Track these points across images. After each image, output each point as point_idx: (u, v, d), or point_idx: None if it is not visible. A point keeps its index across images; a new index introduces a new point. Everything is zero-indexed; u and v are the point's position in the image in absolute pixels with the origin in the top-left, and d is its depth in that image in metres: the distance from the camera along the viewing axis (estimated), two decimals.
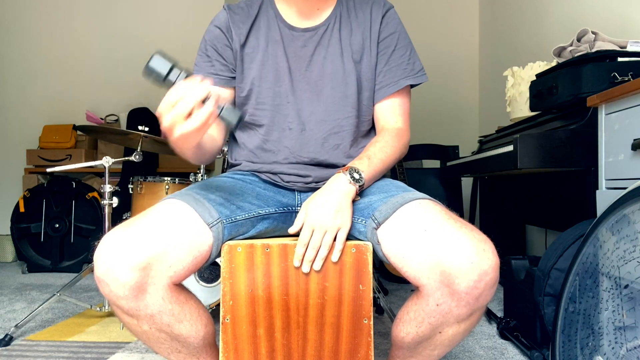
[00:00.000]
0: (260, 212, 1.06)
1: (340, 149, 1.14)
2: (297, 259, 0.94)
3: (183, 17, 4.04)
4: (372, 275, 0.97)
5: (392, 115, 1.17)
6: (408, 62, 1.17)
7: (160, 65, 0.81)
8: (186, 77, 0.82)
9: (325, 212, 0.94)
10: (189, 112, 0.79)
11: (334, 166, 1.14)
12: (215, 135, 1.14)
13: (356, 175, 0.99)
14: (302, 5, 1.15)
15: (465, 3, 4.18)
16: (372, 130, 1.22)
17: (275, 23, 1.16)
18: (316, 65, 1.14)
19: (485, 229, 2.15)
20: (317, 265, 0.93)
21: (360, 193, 1.02)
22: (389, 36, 1.17)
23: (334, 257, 0.93)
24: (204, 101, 0.79)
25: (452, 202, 3.25)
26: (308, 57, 1.14)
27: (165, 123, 0.80)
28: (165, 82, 0.81)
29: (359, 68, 1.15)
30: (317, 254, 0.93)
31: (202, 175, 2.27)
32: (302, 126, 1.13)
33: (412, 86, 1.20)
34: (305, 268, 0.94)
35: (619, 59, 1.62)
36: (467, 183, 3.39)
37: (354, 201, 0.99)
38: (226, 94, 1.17)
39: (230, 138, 1.26)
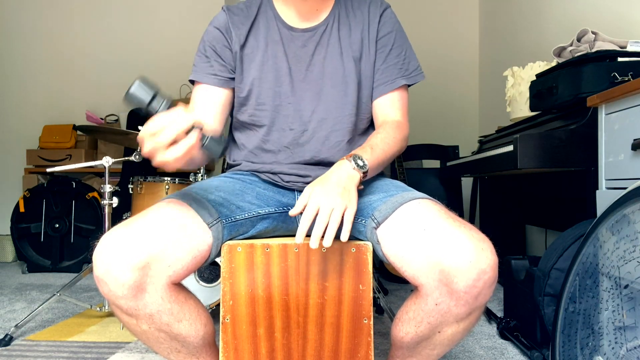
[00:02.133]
0: (260, 212, 1.06)
1: (339, 147, 1.15)
2: (300, 235, 0.86)
3: (183, 18, 4.05)
4: (372, 275, 0.97)
5: (391, 110, 1.17)
6: (404, 62, 1.18)
7: (142, 93, 0.78)
8: (169, 105, 0.80)
9: (331, 191, 0.90)
10: (171, 142, 0.77)
11: (333, 165, 1.14)
12: (218, 127, 1.15)
13: (360, 162, 0.97)
14: (301, 6, 1.15)
15: (465, 3, 4.18)
16: (369, 128, 1.22)
17: (275, 24, 1.16)
18: (317, 65, 1.14)
19: (485, 229, 2.15)
20: (327, 241, 0.85)
21: (360, 192, 1.02)
22: (387, 35, 1.17)
23: (344, 236, 0.88)
24: (187, 132, 0.78)
25: (452, 202, 3.25)
26: (308, 57, 1.14)
27: (145, 150, 0.79)
28: (148, 108, 0.79)
29: (358, 66, 1.15)
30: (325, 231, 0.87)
31: (202, 175, 2.27)
32: (303, 126, 1.13)
33: (408, 85, 1.20)
34: (314, 244, 0.85)
35: (619, 59, 1.62)
36: (467, 183, 3.39)
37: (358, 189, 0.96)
38: (214, 118, 1.15)
39: (230, 139, 1.26)
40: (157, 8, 4.10)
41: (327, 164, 1.14)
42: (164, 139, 0.77)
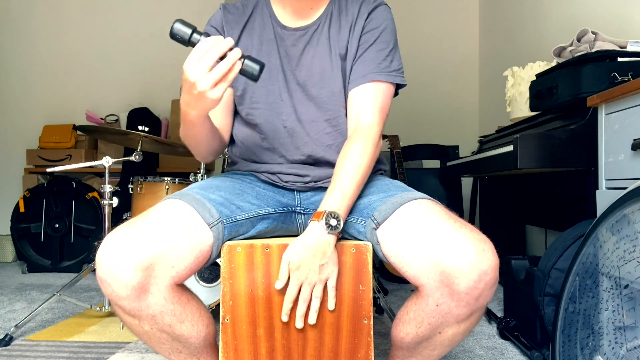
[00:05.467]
0: (260, 212, 1.06)
1: (334, 148, 1.14)
2: (285, 314, 0.93)
3: (183, 17, 4.04)
4: (372, 275, 0.97)
5: (363, 108, 1.09)
6: (384, 59, 1.11)
7: (183, 29, 0.89)
8: (207, 37, 0.89)
9: (309, 267, 0.91)
10: (215, 62, 0.85)
11: (330, 164, 1.13)
12: (222, 128, 1.17)
13: (333, 222, 0.92)
14: (296, 4, 1.15)
15: (465, 3, 4.18)
16: None
17: (270, 22, 1.17)
18: (304, 64, 1.14)
19: (485, 229, 2.14)
20: (312, 319, 0.92)
21: (360, 192, 1.02)
22: (371, 31, 1.13)
23: (330, 305, 0.93)
24: (222, 58, 0.87)
25: (452, 202, 3.25)
26: (297, 56, 1.14)
27: (191, 77, 0.86)
28: (189, 42, 0.89)
29: (344, 64, 1.14)
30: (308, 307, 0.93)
31: (202, 175, 2.27)
32: (297, 124, 1.13)
33: (398, 87, 1.15)
34: (299, 324, 0.93)
35: (619, 59, 1.62)
36: (467, 183, 3.39)
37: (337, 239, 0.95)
38: (218, 115, 1.17)
39: (230, 138, 1.27)
40: (157, 8, 4.10)
41: (325, 163, 1.14)
42: (209, 59, 0.85)
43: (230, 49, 0.87)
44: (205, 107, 0.92)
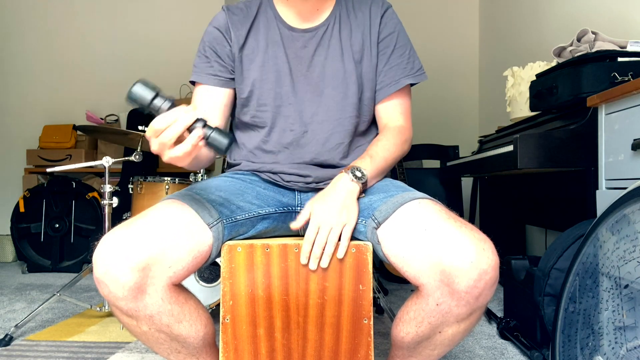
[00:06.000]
0: (260, 212, 1.06)
1: (340, 149, 1.14)
2: (305, 256, 0.93)
3: (183, 18, 4.05)
4: (372, 275, 0.97)
5: (394, 114, 1.18)
6: (408, 62, 1.18)
7: (143, 93, 0.81)
8: (171, 104, 0.82)
9: (330, 209, 0.95)
10: (177, 139, 0.80)
11: (334, 166, 1.14)
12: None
13: (358, 174, 1.00)
14: (302, 6, 1.15)
15: (465, 3, 4.18)
16: (369, 129, 1.22)
17: (275, 24, 1.16)
18: (317, 66, 1.14)
19: (485, 229, 2.14)
20: (324, 262, 0.93)
21: (365, 191, 1.03)
22: (389, 36, 1.17)
23: (340, 253, 0.93)
24: (190, 129, 0.80)
25: (452, 202, 3.25)
26: (309, 58, 1.14)
27: (153, 148, 0.81)
28: (150, 107, 0.81)
29: (359, 68, 1.15)
30: (323, 251, 0.93)
31: (202, 176, 2.27)
32: (304, 127, 1.13)
33: (412, 84, 1.20)
34: (313, 265, 0.93)
35: (619, 59, 1.62)
36: (467, 183, 3.39)
37: (359, 199, 1.00)
38: (215, 119, 1.15)
39: (234, 135, 1.26)
40: (157, 8, 4.10)
41: (327, 166, 1.14)
42: (169, 136, 0.79)
43: (192, 125, 0.80)
44: (178, 163, 0.85)
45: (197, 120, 0.81)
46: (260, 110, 1.15)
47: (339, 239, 0.94)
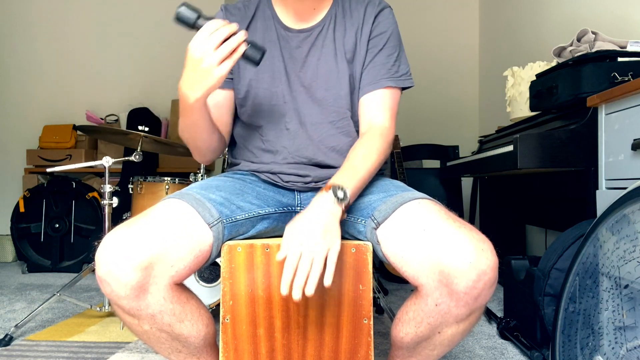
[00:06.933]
0: (260, 212, 1.06)
1: (337, 150, 1.14)
2: (285, 285, 0.82)
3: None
4: (372, 275, 0.97)
5: (376, 111, 1.12)
6: (393, 64, 1.14)
7: (188, 14, 0.92)
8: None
9: (311, 233, 0.85)
10: (218, 46, 0.89)
11: (331, 166, 1.14)
12: (222, 128, 1.17)
13: (340, 194, 0.91)
14: (299, 5, 1.15)
15: (465, 3, 4.18)
16: None
17: (272, 24, 1.16)
18: (310, 66, 1.14)
19: (485, 229, 2.14)
20: (309, 289, 0.82)
21: (360, 192, 1.02)
22: (379, 35, 1.14)
23: (326, 281, 0.83)
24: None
25: (452, 202, 3.25)
26: (302, 58, 1.14)
27: (197, 53, 0.89)
28: (195, 26, 0.92)
29: (351, 68, 1.14)
30: (307, 279, 0.83)
31: (202, 175, 2.27)
32: (300, 127, 1.13)
33: (403, 89, 1.17)
34: (297, 294, 0.81)
35: (619, 59, 1.62)
36: (467, 183, 3.39)
37: (341, 220, 0.92)
38: (217, 121, 1.14)
39: (230, 139, 1.27)
40: (157, 8, 4.10)
41: (325, 166, 1.14)
42: (215, 40, 0.89)
43: (235, 33, 0.90)
44: (208, 86, 0.92)
45: (236, 31, 0.91)
46: (256, 109, 1.15)
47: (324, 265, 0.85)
